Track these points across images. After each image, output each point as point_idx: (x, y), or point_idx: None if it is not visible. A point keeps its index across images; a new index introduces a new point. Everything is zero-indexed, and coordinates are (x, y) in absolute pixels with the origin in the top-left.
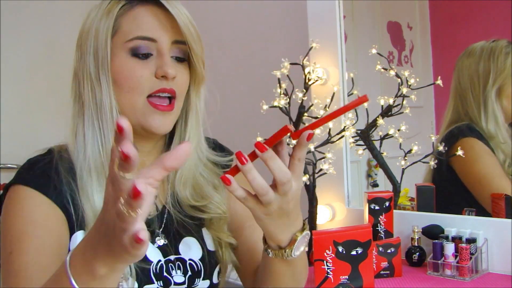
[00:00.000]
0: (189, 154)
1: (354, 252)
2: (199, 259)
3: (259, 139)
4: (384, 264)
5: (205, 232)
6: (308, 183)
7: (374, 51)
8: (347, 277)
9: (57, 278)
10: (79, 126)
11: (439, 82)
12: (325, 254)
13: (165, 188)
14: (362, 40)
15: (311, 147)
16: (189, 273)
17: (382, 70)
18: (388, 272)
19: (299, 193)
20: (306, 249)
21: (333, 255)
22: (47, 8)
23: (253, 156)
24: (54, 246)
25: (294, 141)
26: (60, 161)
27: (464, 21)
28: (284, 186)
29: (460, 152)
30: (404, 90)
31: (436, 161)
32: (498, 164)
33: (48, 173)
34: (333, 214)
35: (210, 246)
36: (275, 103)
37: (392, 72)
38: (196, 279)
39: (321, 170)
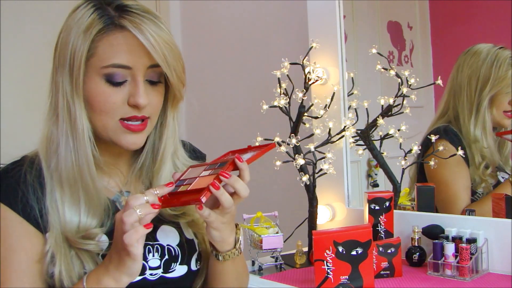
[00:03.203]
0: None
1: (354, 252)
2: (177, 245)
3: (259, 139)
4: (384, 264)
5: (182, 222)
6: (308, 183)
7: (374, 51)
8: (347, 277)
9: None
10: (53, 133)
11: (439, 82)
12: (325, 254)
13: (138, 187)
14: (362, 40)
15: (311, 147)
16: (166, 257)
17: (382, 70)
18: (388, 272)
19: None
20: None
21: (333, 255)
22: (47, 8)
23: (219, 181)
24: (33, 267)
25: (294, 141)
26: (30, 168)
27: (464, 21)
28: (242, 199)
29: (416, 148)
30: (404, 90)
31: (436, 160)
32: (461, 173)
33: (15, 185)
34: (333, 214)
35: (188, 235)
36: (275, 103)
37: (392, 72)
38: (173, 264)
39: (321, 170)
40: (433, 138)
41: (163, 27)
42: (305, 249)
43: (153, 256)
